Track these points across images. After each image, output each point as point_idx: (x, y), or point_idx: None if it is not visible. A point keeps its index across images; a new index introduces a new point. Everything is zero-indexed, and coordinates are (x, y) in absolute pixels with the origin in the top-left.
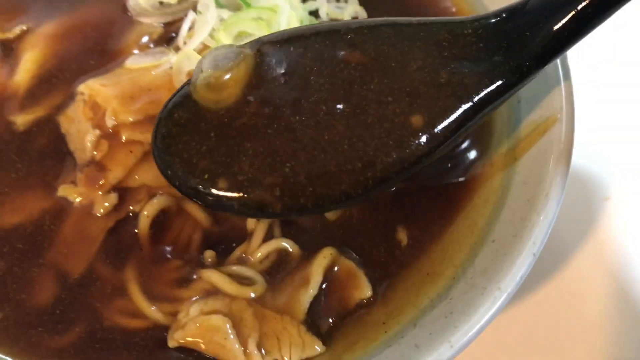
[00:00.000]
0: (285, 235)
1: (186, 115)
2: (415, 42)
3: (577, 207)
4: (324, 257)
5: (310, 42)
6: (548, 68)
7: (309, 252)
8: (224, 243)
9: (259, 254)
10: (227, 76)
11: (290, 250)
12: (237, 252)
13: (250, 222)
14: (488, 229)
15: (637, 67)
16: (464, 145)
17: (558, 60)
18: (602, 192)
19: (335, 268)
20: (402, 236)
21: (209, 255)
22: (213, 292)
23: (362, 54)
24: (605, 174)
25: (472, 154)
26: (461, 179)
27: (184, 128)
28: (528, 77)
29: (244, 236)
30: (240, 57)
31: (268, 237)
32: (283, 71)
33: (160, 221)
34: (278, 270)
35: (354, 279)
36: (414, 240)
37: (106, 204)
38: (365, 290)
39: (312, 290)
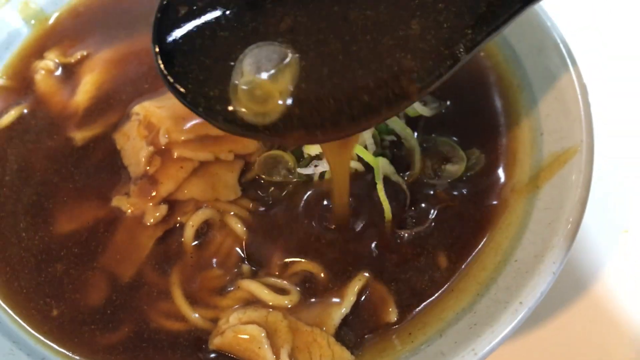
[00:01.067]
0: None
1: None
2: None
3: (595, 238)
4: (359, 280)
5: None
6: (570, 102)
7: (340, 276)
8: (256, 259)
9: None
10: (273, 85)
11: (312, 271)
12: (263, 272)
13: None
14: (511, 249)
15: None
16: (491, 175)
17: (579, 94)
18: (621, 225)
19: (367, 291)
20: (443, 260)
21: (245, 269)
22: (251, 302)
23: None
24: (625, 207)
25: (498, 183)
26: (487, 206)
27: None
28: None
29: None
30: (285, 62)
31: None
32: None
33: (205, 232)
34: (311, 289)
35: (383, 303)
36: (449, 264)
37: (157, 214)
38: (391, 316)
39: (344, 309)
